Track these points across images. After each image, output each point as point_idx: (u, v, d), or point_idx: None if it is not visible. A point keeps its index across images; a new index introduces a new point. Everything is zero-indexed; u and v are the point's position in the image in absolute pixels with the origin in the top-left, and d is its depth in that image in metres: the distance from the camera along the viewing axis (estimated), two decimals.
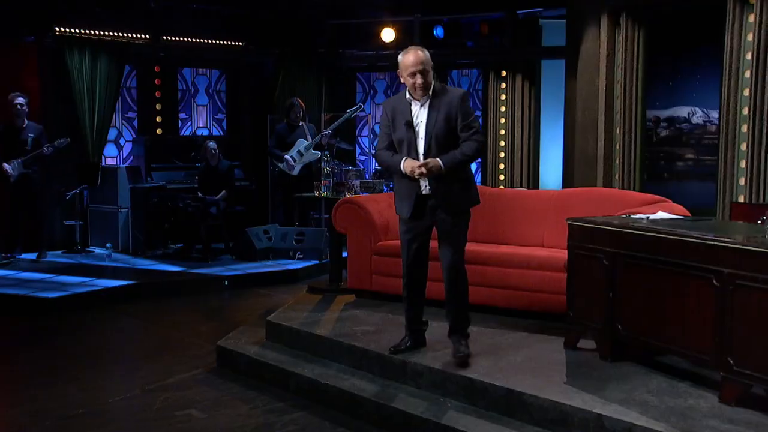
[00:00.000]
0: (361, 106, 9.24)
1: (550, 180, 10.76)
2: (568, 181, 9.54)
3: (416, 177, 4.46)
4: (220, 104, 11.34)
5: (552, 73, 10.52)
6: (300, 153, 9.13)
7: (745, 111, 7.15)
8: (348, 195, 6.74)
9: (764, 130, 7.11)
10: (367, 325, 5.40)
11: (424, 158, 4.48)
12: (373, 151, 4.87)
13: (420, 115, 4.56)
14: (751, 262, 3.59)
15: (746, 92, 7.13)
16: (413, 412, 4.18)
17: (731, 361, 3.71)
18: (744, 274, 3.63)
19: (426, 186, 4.53)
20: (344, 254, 6.54)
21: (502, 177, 10.70)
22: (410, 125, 4.53)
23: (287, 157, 9.11)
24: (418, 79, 4.51)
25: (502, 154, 10.67)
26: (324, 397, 4.71)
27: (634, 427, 3.55)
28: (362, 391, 4.53)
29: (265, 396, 4.90)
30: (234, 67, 11.16)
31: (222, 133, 11.27)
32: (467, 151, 4.49)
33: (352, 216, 6.21)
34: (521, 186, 10.47)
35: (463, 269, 4.67)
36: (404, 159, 4.49)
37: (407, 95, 4.61)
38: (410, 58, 4.53)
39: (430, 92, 4.57)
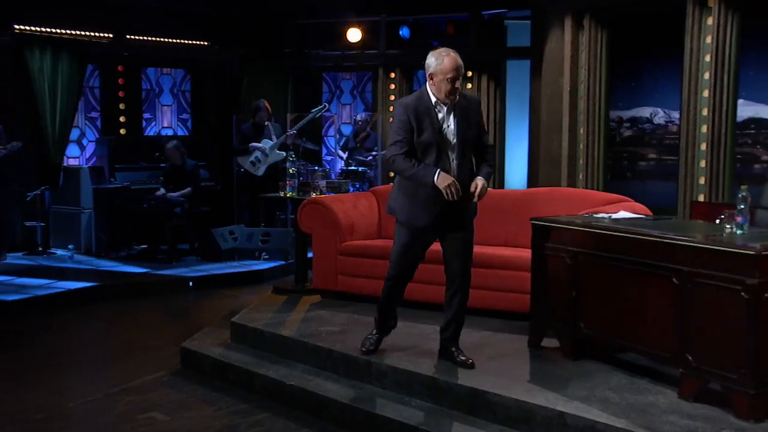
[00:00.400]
0: (326, 106, 9.22)
1: (515, 179, 10.84)
2: (533, 180, 9.62)
3: (449, 196, 4.21)
4: (185, 104, 11.25)
5: (517, 74, 10.59)
6: (265, 153, 9.09)
7: (705, 112, 7.28)
8: (313, 195, 6.73)
9: (723, 131, 7.25)
10: (333, 325, 5.40)
11: (457, 165, 4.31)
12: (387, 155, 4.41)
13: (446, 120, 4.33)
14: (709, 261, 3.66)
15: (705, 93, 7.26)
16: (378, 412, 4.19)
17: (690, 358, 3.77)
18: (702, 272, 3.70)
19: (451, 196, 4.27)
20: (310, 255, 6.53)
21: None
22: (440, 131, 4.30)
23: (254, 155, 9.06)
24: (455, 85, 4.27)
25: None
26: (289, 398, 4.70)
27: (596, 423, 3.59)
28: (327, 391, 4.53)
29: (230, 397, 4.88)
30: (199, 66, 11.07)
31: (187, 133, 11.18)
32: (492, 163, 4.54)
33: (317, 216, 6.20)
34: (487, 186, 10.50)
35: None
36: (438, 172, 4.22)
37: (432, 98, 4.31)
38: (450, 62, 4.22)
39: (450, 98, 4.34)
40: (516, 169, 10.82)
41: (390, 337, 5.05)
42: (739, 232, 3.89)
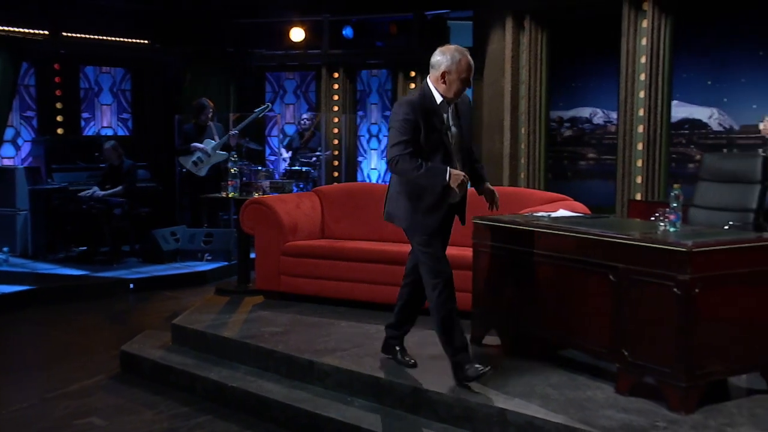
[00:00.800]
0: (269, 105, 9.16)
1: None
2: None
3: (458, 189, 4.05)
4: (125, 103, 11.04)
5: None
6: (207, 153, 8.99)
7: (641, 112, 7.45)
8: (256, 195, 6.67)
9: (658, 131, 7.42)
10: (275, 326, 5.36)
11: (461, 166, 4.16)
12: (389, 156, 4.06)
13: (449, 120, 4.14)
14: (643, 258, 3.73)
15: (641, 94, 7.43)
16: (320, 412, 4.17)
17: (626, 353, 3.85)
18: (637, 269, 3.77)
19: (455, 196, 4.17)
20: (253, 255, 6.48)
21: None
22: (448, 131, 4.11)
23: (197, 156, 8.94)
24: (466, 86, 4.11)
25: None
26: (231, 400, 4.64)
27: (535, 419, 3.63)
28: (269, 392, 4.50)
29: (171, 401, 4.80)
30: (140, 65, 10.89)
31: (128, 133, 10.98)
32: (483, 164, 4.51)
33: (259, 216, 6.15)
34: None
35: None
36: (449, 170, 4.01)
37: (437, 97, 4.08)
38: (467, 62, 4.04)
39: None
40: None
41: (333, 338, 5.05)
42: (672, 229, 3.97)
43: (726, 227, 4.82)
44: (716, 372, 3.73)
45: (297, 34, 10.72)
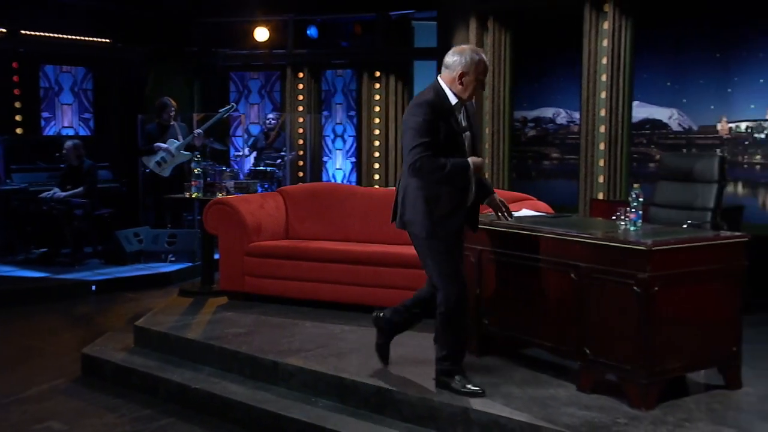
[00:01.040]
0: (234, 105, 9.09)
1: None
2: None
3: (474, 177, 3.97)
4: (86, 103, 10.87)
5: (424, 74, 10.69)
6: (171, 154, 8.89)
7: (603, 112, 7.52)
8: (220, 196, 6.62)
9: (620, 131, 7.50)
10: (239, 327, 5.32)
11: None
12: (411, 159, 3.84)
13: (462, 121, 4.00)
14: (604, 257, 3.77)
15: (603, 95, 7.51)
16: (284, 413, 4.15)
17: (588, 351, 3.88)
18: (598, 268, 3.81)
19: (472, 194, 4.07)
20: (217, 256, 6.42)
21: (377, 176, 10.80)
22: (463, 133, 3.97)
23: (160, 156, 8.84)
24: (482, 88, 4.00)
25: (377, 154, 10.77)
26: (194, 402, 4.60)
27: (499, 418, 3.65)
28: (233, 394, 4.46)
29: (133, 404, 4.74)
30: (101, 64, 10.73)
31: (89, 133, 10.81)
32: None
33: (223, 217, 6.11)
34: (396, 185, 10.57)
35: None
36: (467, 160, 3.91)
37: (452, 98, 3.91)
38: (485, 64, 3.92)
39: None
40: None
41: (297, 338, 5.02)
42: (632, 228, 4.02)
43: (684, 226, 4.89)
44: (675, 369, 3.79)
45: (261, 34, 10.66)
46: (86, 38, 10.30)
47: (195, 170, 6.94)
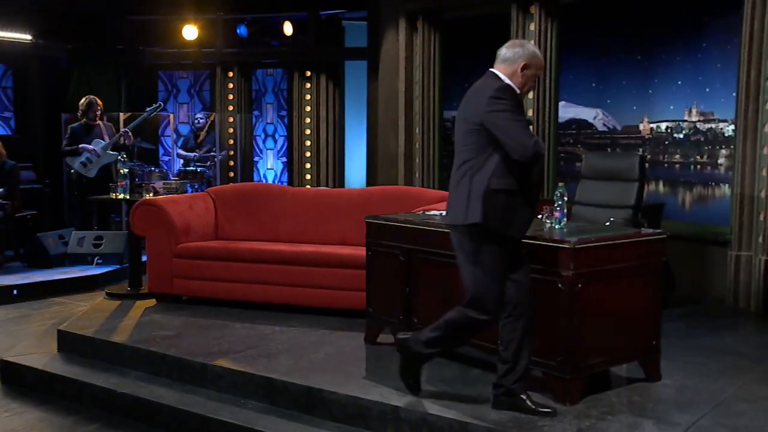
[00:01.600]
0: (161, 105, 8.92)
1: (355, 179, 10.95)
2: (371, 179, 9.76)
3: None
4: (6, 102, 10.52)
5: (355, 74, 10.71)
6: (97, 154, 8.68)
7: (530, 112, 7.65)
8: (147, 196, 6.49)
9: (547, 131, 7.64)
10: (168, 329, 5.23)
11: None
12: (528, 142, 3.48)
13: None
14: (530, 254, 3.81)
15: (530, 95, 7.62)
16: (212, 416, 4.09)
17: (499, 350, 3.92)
18: None
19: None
20: (145, 258, 6.30)
21: (308, 176, 10.76)
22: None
23: (85, 156, 8.62)
24: (535, 84, 3.90)
25: (308, 154, 10.74)
26: (120, 407, 4.50)
27: (428, 416, 3.67)
28: (160, 397, 4.38)
29: (56, 411, 4.60)
30: (22, 62, 10.39)
31: (10, 133, 10.47)
32: None
33: (151, 218, 6.00)
34: (327, 185, 10.57)
35: None
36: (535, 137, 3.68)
37: (518, 91, 3.70)
38: (541, 58, 3.78)
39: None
40: (356, 168, 10.95)
41: (226, 340, 4.97)
42: (557, 227, 4.10)
43: (607, 224, 5.00)
44: (598, 364, 3.87)
45: (190, 33, 10.49)
46: (5, 35, 9.97)
47: (121, 170, 6.79)
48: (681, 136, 6.95)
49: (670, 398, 3.90)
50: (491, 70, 3.72)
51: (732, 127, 6.31)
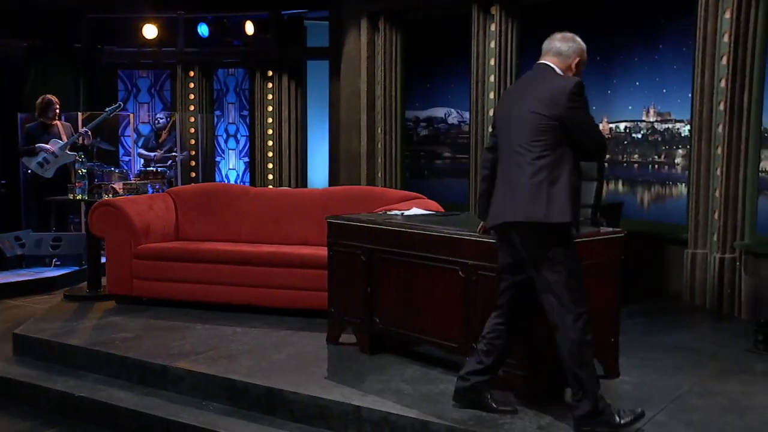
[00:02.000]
0: (121, 104, 8.80)
1: (317, 179, 10.93)
2: (334, 179, 9.75)
3: None
4: None
5: (317, 74, 10.68)
6: (54, 154, 8.54)
7: (491, 112, 7.69)
8: (106, 197, 6.41)
9: None
10: (127, 331, 5.17)
11: None
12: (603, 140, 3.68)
13: None
14: (489, 253, 3.84)
15: (491, 95, 7.68)
16: (173, 418, 4.05)
17: (476, 346, 3.95)
18: (484, 265, 3.89)
19: None
20: (104, 259, 6.22)
21: (270, 177, 10.71)
22: None
23: (42, 156, 8.47)
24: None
25: (270, 154, 10.69)
26: (78, 411, 4.43)
27: (389, 415, 3.68)
28: (120, 401, 4.32)
29: (11, 416, 4.51)
30: None
31: None
32: None
33: (110, 219, 5.94)
34: (290, 185, 10.54)
35: None
36: None
37: None
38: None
39: None
40: (318, 169, 10.93)
41: (188, 341, 4.93)
42: None
43: None
44: (558, 360, 3.90)
45: (150, 31, 10.36)
46: None
47: (80, 171, 6.69)
48: (639, 136, 7.04)
49: (627, 394, 3.95)
50: (545, 63, 3.64)
51: (688, 127, 6.42)
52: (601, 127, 7.40)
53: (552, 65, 3.62)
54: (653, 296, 6.34)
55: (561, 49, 3.66)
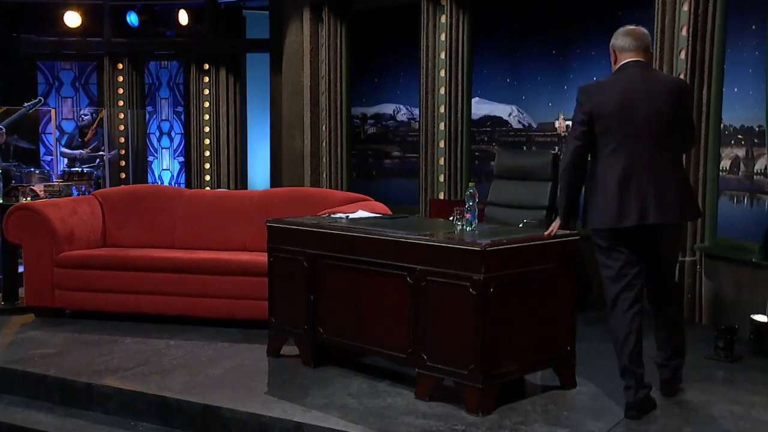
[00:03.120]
0: (41, 99, 8.63)
1: (258, 179, 10.87)
2: (276, 180, 9.72)
3: None
4: None
5: (257, 67, 10.63)
6: None
7: (442, 109, 7.76)
8: (24, 200, 6.29)
9: (459, 128, 7.76)
10: (48, 347, 5.07)
11: None
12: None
13: None
14: (440, 258, 3.88)
15: (442, 91, 7.74)
16: None
17: (425, 357, 3.98)
18: (434, 270, 3.92)
19: None
20: (22, 268, 6.10)
21: (207, 177, 10.62)
22: None
23: None
24: None
25: (207, 153, 10.60)
26: None
27: (333, 431, 3.68)
28: (39, 423, 4.23)
29: None
30: None
31: None
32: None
33: (28, 224, 5.83)
34: (228, 187, 10.46)
35: None
36: None
37: None
38: None
39: None
40: (259, 169, 10.87)
41: (116, 356, 4.86)
42: (468, 228, 4.17)
43: (520, 225, 5.12)
44: (512, 371, 3.95)
45: (72, 19, 10.16)
46: None
47: None
48: None
49: (584, 406, 4.02)
50: (642, 60, 3.88)
51: None
52: (557, 124, 7.52)
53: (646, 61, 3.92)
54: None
55: (648, 43, 3.93)
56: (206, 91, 10.56)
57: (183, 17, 10.33)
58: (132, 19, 10.32)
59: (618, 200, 3.73)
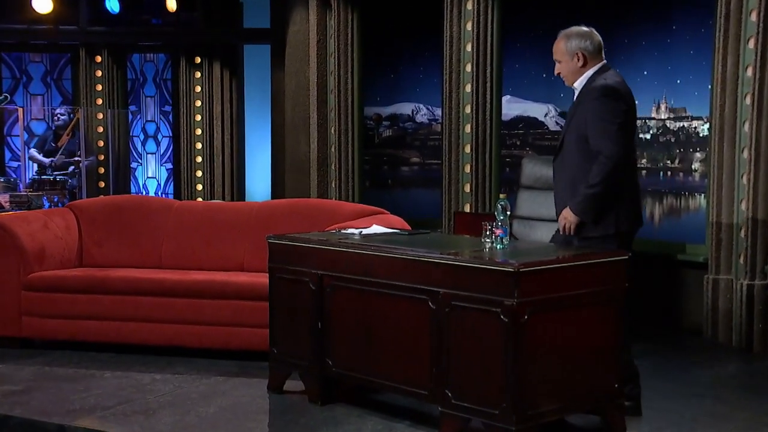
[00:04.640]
0: (7, 96, 8.76)
1: (258, 189, 10.93)
2: (278, 190, 9.76)
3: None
4: None
5: (256, 61, 10.71)
6: None
7: (468, 109, 7.76)
8: None
9: (488, 131, 7.76)
10: (13, 383, 5.10)
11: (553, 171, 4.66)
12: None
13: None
14: (466, 281, 3.88)
15: (468, 88, 7.74)
16: None
17: (449, 394, 3.98)
18: (460, 294, 3.92)
19: None
20: None
21: (200, 187, 10.71)
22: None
23: None
24: (556, 69, 4.74)
25: (199, 159, 10.68)
26: None
27: None
28: None
29: None
30: None
31: None
32: (591, 181, 4.30)
33: None
34: (223, 198, 10.52)
35: None
36: None
37: None
38: None
39: (575, 85, 4.63)
40: (259, 177, 10.93)
41: (93, 393, 4.89)
42: (499, 246, 4.17)
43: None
44: (550, 412, 3.94)
45: (42, 4, 10.22)
46: None
47: None
48: (648, 136, 7.16)
49: None
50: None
51: (707, 125, 6.54)
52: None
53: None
54: (666, 332, 6.43)
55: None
56: (198, 89, 10.65)
57: (171, 3, 10.40)
58: (112, 4, 10.41)
59: (638, 202, 4.47)
